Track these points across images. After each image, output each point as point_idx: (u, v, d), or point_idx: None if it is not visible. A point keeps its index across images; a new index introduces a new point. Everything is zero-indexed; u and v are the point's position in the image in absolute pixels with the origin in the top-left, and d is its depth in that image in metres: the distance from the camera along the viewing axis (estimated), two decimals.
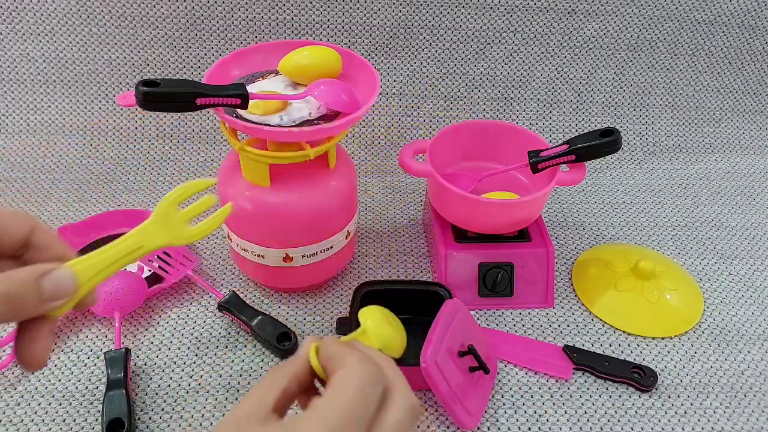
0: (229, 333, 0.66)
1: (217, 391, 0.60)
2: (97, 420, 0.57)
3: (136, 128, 0.91)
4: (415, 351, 0.54)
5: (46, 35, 0.87)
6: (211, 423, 0.57)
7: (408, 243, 0.79)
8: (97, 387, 0.60)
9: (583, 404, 0.60)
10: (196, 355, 0.63)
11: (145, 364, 0.62)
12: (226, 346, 0.64)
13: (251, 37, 0.88)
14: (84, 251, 0.73)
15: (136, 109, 0.90)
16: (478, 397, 0.58)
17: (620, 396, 0.61)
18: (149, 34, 0.87)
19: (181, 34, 0.87)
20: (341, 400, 0.33)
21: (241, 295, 0.67)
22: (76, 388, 0.60)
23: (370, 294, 0.64)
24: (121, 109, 0.90)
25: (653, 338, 0.67)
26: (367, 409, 0.33)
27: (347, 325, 0.62)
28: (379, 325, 0.46)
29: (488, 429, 0.58)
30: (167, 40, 0.88)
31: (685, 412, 0.60)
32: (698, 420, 0.59)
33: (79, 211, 0.81)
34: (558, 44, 0.92)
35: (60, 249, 0.36)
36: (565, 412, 0.60)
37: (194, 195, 0.38)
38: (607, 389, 0.62)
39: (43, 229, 0.36)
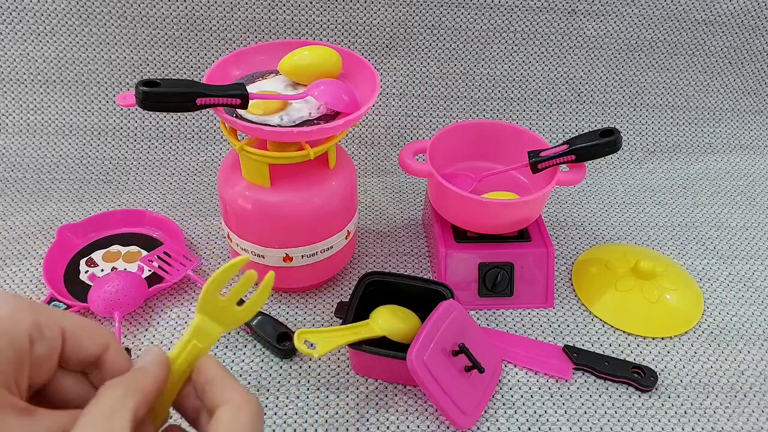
0: (229, 333, 0.66)
1: None
2: None
3: (136, 128, 0.91)
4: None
5: (46, 35, 0.87)
6: None
7: (408, 243, 0.79)
8: None
9: (583, 404, 0.60)
10: None
11: None
12: (226, 346, 0.64)
13: (251, 37, 0.88)
14: (84, 251, 0.74)
15: (136, 109, 0.90)
16: (474, 396, 0.58)
17: (620, 396, 0.61)
18: (149, 34, 0.87)
19: (181, 34, 0.87)
20: None
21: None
22: None
23: (374, 284, 0.64)
24: (121, 109, 0.90)
25: (653, 338, 0.67)
26: None
27: (346, 310, 0.62)
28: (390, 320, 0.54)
29: (488, 429, 0.58)
30: (167, 40, 0.88)
31: (685, 412, 0.60)
32: (698, 420, 0.59)
33: (79, 211, 0.81)
34: (558, 44, 0.92)
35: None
36: (565, 412, 0.60)
37: (232, 278, 0.37)
38: (607, 389, 0.62)
39: (118, 351, 0.34)
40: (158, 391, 0.33)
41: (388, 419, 0.58)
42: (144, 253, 0.73)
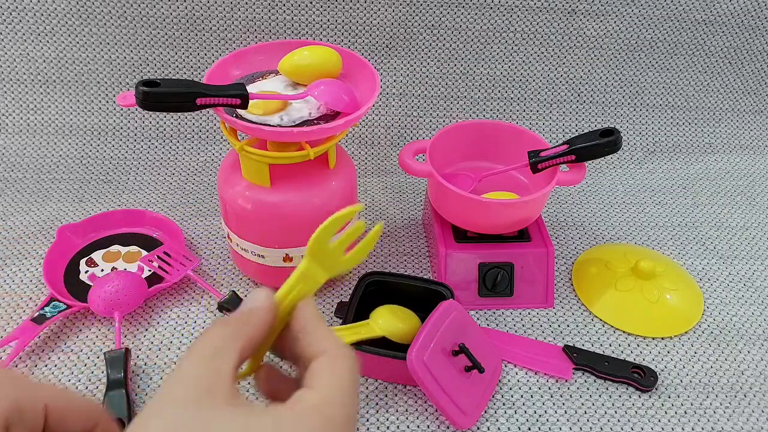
0: None
1: None
2: None
3: (136, 128, 0.91)
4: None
5: (46, 35, 0.87)
6: None
7: (408, 243, 0.79)
8: (97, 387, 0.60)
9: (583, 404, 0.60)
10: None
11: (145, 364, 0.62)
12: None
13: (251, 37, 0.88)
14: (84, 251, 0.74)
15: (136, 109, 0.90)
16: (474, 396, 0.58)
17: (620, 396, 0.61)
18: (149, 34, 0.87)
19: (181, 34, 0.87)
20: (342, 399, 0.30)
21: (241, 295, 0.67)
22: (76, 388, 0.60)
23: (374, 284, 0.64)
24: (121, 109, 0.90)
25: (653, 338, 0.67)
26: (358, 406, 0.31)
27: (346, 310, 0.62)
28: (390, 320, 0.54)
29: (488, 429, 0.58)
30: (167, 40, 0.88)
31: (685, 412, 0.60)
32: (698, 420, 0.59)
33: (79, 211, 0.81)
34: (558, 44, 0.92)
35: None
36: (565, 412, 0.60)
37: (342, 225, 0.36)
38: (607, 389, 0.62)
39: (108, 428, 0.33)
40: (264, 335, 0.33)
41: (388, 419, 0.58)
42: (144, 253, 0.73)
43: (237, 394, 0.29)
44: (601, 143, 0.66)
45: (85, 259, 0.73)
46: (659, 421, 0.59)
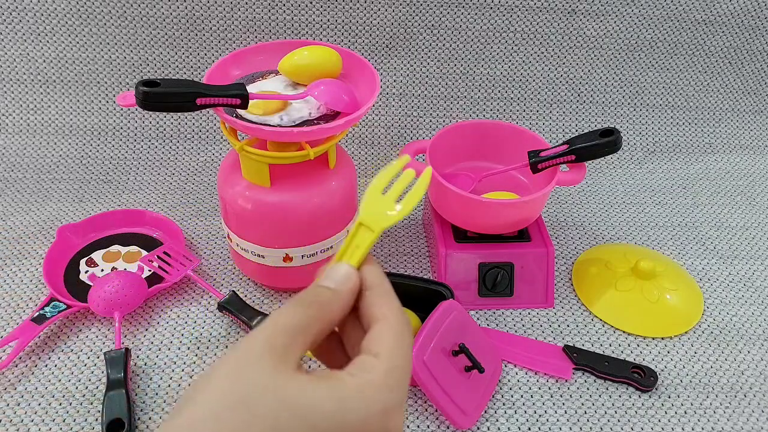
0: (229, 333, 0.66)
1: None
2: (97, 420, 0.57)
3: (136, 128, 0.90)
4: None
5: (46, 35, 0.87)
6: None
7: (408, 243, 0.79)
8: (97, 387, 0.60)
9: (583, 404, 0.60)
10: (196, 355, 0.63)
11: (145, 364, 0.62)
12: (226, 346, 0.64)
13: (251, 37, 0.88)
14: (84, 251, 0.74)
15: (136, 109, 0.90)
16: (474, 396, 0.58)
17: (620, 396, 0.61)
18: (149, 34, 0.87)
19: (181, 34, 0.87)
20: (404, 370, 0.30)
21: (241, 295, 0.67)
22: (76, 388, 0.60)
23: None
24: (121, 109, 0.90)
25: (653, 338, 0.67)
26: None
27: None
28: None
29: (488, 429, 0.58)
30: (167, 40, 0.88)
31: (685, 412, 0.60)
32: (698, 420, 0.59)
33: (79, 211, 0.81)
34: (558, 44, 0.92)
35: None
36: (565, 412, 0.60)
37: (394, 176, 0.37)
38: (607, 389, 0.62)
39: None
40: (340, 318, 0.33)
41: None
42: (144, 253, 0.73)
43: (301, 370, 0.29)
44: (601, 143, 0.66)
45: (85, 259, 0.73)
46: (659, 421, 0.59)
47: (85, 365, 0.62)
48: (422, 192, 0.36)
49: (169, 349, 0.64)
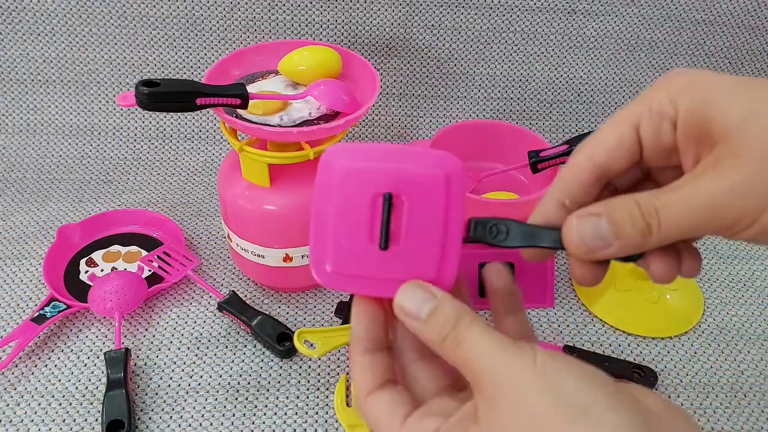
0: (229, 333, 0.66)
1: (217, 391, 0.60)
2: (97, 420, 0.57)
3: (136, 128, 0.90)
4: None
5: (46, 35, 0.87)
6: (211, 423, 0.57)
7: None
8: (97, 387, 0.60)
9: None
10: (196, 355, 0.63)
11: (145, 364, 0.62)
12: (226, 346, 0.64)
13: (251, 37, 0.88)
14: (84, 251, 0.74)
15: (136, 109, 0.90)
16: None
17: None
18: (149, 34, 0.87)
19: (181, 34, 0.87)
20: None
21: (241, 295, 0.67)
22: (76, 388, 0.60)
23: None
24: (121, 109, 0.90)
25: (653, 338, 0.67)
26: None
27: (346, 310, 0.62)
28: None
29: None
30: (167, 40, 0.88)
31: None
32: (698, 420, 0.59)
33: (79, 211, 0.81)
34: (558, 44, 0.92)
35: None
36: None
37: None
38: None
39: None
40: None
41: None
42: (144, 253, 0.73)
43: None
44: None
45: (85, 259, 0.73)
46: None
47: (85, 365, 0.62)
48: None
49: (169, 349, 0.64)
